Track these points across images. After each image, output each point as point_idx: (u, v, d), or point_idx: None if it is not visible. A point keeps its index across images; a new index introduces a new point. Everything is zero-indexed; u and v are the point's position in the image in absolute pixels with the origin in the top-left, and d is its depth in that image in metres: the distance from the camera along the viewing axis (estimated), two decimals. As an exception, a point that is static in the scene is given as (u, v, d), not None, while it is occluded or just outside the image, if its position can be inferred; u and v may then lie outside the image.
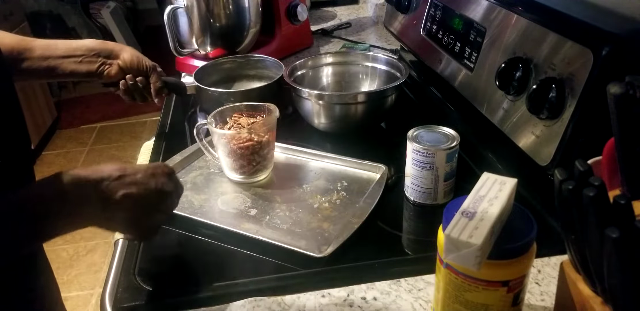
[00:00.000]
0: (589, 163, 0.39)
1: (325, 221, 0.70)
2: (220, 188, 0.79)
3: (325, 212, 0.72)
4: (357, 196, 0.75)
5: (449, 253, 0.42)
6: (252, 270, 0.64)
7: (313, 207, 0.73)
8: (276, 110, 0.78)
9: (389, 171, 0.79)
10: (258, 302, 0.58)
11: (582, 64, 0.59)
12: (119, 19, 3.68)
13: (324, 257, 0.62)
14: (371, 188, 0.75)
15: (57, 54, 0.79)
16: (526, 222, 0.46)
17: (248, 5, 1.15)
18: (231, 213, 0.73)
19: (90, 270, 2.02)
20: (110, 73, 0.84)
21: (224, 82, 1.06)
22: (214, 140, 0.78)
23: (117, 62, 0.84)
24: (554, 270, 0.60)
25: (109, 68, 0.84)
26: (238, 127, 0.79)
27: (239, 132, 0.75)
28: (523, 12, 0.71)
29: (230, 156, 0.77)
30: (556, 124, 0.63)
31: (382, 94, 0.89)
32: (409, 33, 1.10)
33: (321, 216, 0.71)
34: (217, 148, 0.78)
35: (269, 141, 0.78)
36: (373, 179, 0.78)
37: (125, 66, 0.85)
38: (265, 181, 0.80)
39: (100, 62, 0.83)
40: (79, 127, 3.14)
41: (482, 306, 0.46)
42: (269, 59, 1.07)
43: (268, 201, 0.75)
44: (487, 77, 0.77)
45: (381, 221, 0.70)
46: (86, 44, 0.83)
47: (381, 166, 0.79)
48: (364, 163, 0.81)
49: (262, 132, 0.76)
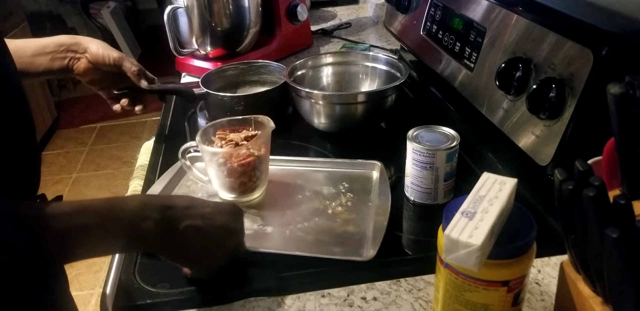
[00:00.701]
0: (589, 163, 0.39)
1: (348, 224, 0.69)
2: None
3: (343, 216, 0.71)
4: (364, 195, 0.75)
5: (449, 253, 0.42)
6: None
7: (328, 213, 0.71)
8: (270, 122, 0.74)
9: (389, 171, 0.79)
10: (258, 302, 0.58)
11: (582, 64, 0.59)
12: (119, 19, 3.68)
13: (371, 260, 0.61)
14: (377, 185, 0.75)
15: (28, 53, 0.78)
16: (526, 222, 0.46)
17: (248, 5, 1.15)
18: (247, 235, 0.65)
19: (90, 270, 2.02)
20: (80, 67, 0.82)
21: (228, 88, 1.06)
22: (206, 160, 0.72)
23: (85, 56, 0.82)
24: (554, 270, 0.60)
25: (78, 62, 0.82)
26: (231, 143, 0.74)
27: (239, 148, 0.71)
28: (523, 12, 0.71)
29: (231, 175, 0.72)
30: (556, 124, 0.63)
31: (382, 94, 0.89)
32: (409, 33, 1.10)
33: (340, 220, 0.70)
34: (209, 169, 0.73)
35: (266, 154, 0.75)
36: (372, 176, 0.78)
37: (94, 59, 0.82)
38: (262, 197, 0.76)
39: (69, 57, 0.81)
40: (78, 127, 3.14)
41: (482, 306, 0.46)
42: (272, 64, 1.06)
43: (278, 215, 0.72)
44: (487, 77, 0.77)
45: (381, 221, 0.70)
46: (55, 40, 0.80)
47: (376, 163, 0.79)
48: (356, 162, 0.81)
49: (258, 145, 0.72)
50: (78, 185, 2.57)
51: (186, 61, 1.24)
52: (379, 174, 0.78)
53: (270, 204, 0.75)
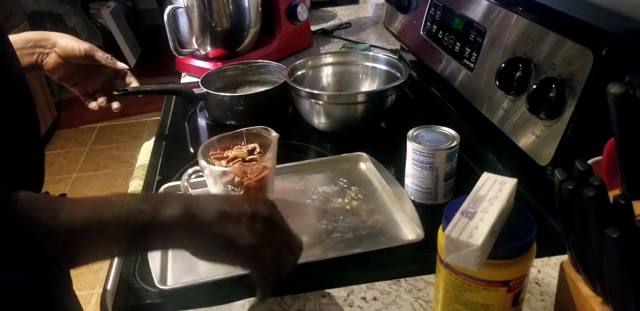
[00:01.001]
0: (589, 163, 0.39)
1: (374, 214, 0.70)
2: None
3: (363, 208, 0.72)
4: (368, 185, 0.76)
5: (449, 253, 0.42)
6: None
7: (347, 209, 0.72)
8: (271, 131, 0.71)
9: (389, 171, 0.79)
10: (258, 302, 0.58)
11: (582, 64, 0.59)
12: (119, 19, 3.68)
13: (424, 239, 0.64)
14: (373, 173, 0.77)
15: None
16: (526, 222, 0.46)
17: (248, 5, 1.15)
18: None
19: (90, 270, 2.02)
20: (49, 63, 0.80)
21: (228, 88, 1.06)
22: (213, 182, 0.68)
23: (54, 51, 0.80)
24: (554, 270, 0.60)
25: (47, 58, 0.80)
26: (238, 161, 0.70)
27: (251, 164, 0.68)
28: (523, 12, 0.71)
29: (248, 192, 0.67)
30: (556, 124, 0.63)
31: (382, 94, 0.89)
32: (409, 33, 1.10)
33: (364, 212, 0.71)
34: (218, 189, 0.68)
35: (274, 165, 0.72)
36: (364, 167, 0.81)
37: (64, 53, 0.80)
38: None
39: (37, 53, 0.79)
40: (78, 127, 3.14)
41: (482, 306, 0.46)
42: (272, 64, 1.06)
43: (303, 223, 0.69)
44: (487, 77, 0.77)
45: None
46: (23, 36, 0.78)
47: (360, 154, 0.82)
48: (342, 157, 0.82)
49: (268, 157, 0.69)
50: (78, 185, 2.56)
51: (186, 60, 1.24)
52: (369, 164, 0.80)
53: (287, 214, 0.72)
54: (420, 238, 0.64)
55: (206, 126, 1.02)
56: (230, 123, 0.97)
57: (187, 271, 0.62)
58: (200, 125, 1.03)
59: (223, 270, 0.61)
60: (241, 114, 0.95)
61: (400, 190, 0.73)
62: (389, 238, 0.66)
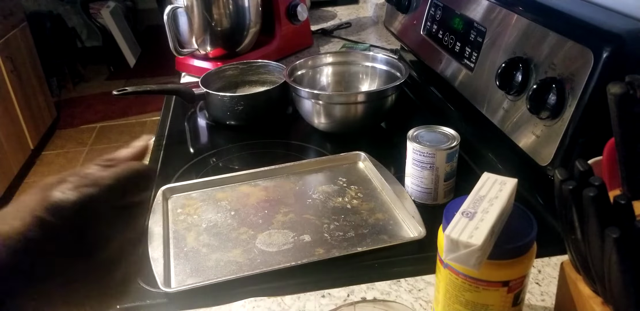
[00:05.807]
0: (589, 163, 0.39)
1: (375, 212, 0.71)
2: (240, 236, 0.68)
3: (364, 206, 0.72)
4: (369, 183, 0.77)
5: (449, 253, 0.42)
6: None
7: (348, 208, 0.72)
8: None
9: (390, 171, 0.79)
10: (258, 302, 0.58)
11: (583, 64, 0.59)
12: (119, 19, 3.68)
13: (425, 236, 0.64)
14: (372, 172, 0.78)
15: None
16: (526, 222, 0.46)
17: (248, 5, 1.15)
18: (289, 249, 0.65)
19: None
20: None
21: (228, 88, 1.06)
22: None
23: None
24: (554, 270, 0.60)
25: None
26: None
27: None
28: (523, 12, 0.71)
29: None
30: (556, 124, 0.63)
31: (382, 94, 0.89)
32: (409, 33, 1.10)
33: (365, 211, 0.71)
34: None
35: None
36: (362, 166, 0.81)
37: None
38: None
39: None
40: (78, 127, 3.14)
41: (483, 307, 0.46)
42: (272, 64, 1.06)
43: (305, 223, 0.69)
44: (487, 77, 0.77)
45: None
46: None
47: (358, 153, 0.82)
48: (340, 156, 0.83)
49: None
50: (78, 185, 2.56)
51: (186, 60, 1.24)
52: (367, 163, 0.80)
53: (288, 215, 0.72)
54: (422, 235, 0.65)
55: (206, 126, 1.02)
56: (230, 123, 0.97)
57: (190, 273, 0.62)
58: (200, 125, 1.03)
59: (225, 271, 0.61)
60: (241, 114, 0.95)
61: (400, 188, 0.73)
62: (391, 236, 0.66)
